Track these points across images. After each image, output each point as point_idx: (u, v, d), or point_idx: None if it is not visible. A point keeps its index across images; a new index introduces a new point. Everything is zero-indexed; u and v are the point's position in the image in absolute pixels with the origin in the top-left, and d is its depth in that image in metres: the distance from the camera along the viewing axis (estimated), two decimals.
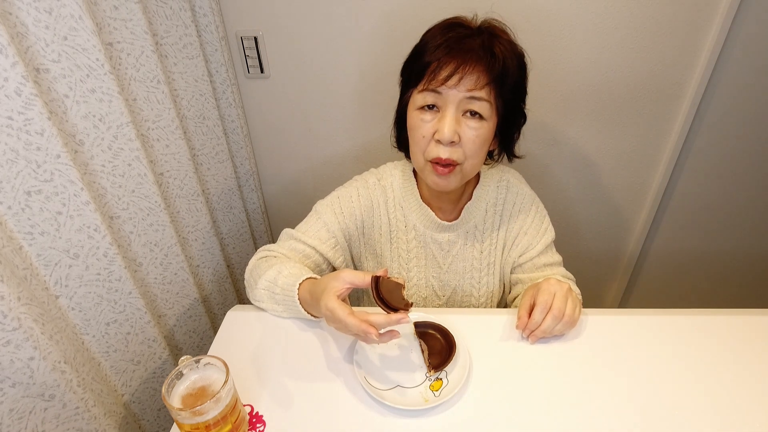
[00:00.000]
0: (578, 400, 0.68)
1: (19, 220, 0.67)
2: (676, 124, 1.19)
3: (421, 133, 0.75)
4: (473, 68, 0.69)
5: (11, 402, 0.64)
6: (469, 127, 0.73)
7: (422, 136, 0.75)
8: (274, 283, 0.78)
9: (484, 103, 0.71)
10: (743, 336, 0.77)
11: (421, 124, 0.74)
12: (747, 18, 1.03)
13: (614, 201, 1.36)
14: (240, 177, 1.32)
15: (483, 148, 0.76)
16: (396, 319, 0.62)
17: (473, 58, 0.69)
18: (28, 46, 0.65)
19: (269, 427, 0.65)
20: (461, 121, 0.73)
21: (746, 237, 1.42)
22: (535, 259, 0.90)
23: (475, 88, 0.70)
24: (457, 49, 0.70)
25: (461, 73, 0.69)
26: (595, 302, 1.61)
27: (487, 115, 0.73)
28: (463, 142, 0.73)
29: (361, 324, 0.61)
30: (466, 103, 0.71)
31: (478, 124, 0.73)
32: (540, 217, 0.91)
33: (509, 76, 0.72)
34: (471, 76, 0.70)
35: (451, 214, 0.90)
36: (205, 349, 1.14)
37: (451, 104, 0.71)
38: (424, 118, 0.74)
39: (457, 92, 0.70)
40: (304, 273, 0.76)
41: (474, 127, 0.73)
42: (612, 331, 0.79)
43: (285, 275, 0.77)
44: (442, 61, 0.70)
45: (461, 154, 0.74)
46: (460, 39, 0.71)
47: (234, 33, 1.13)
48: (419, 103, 0.74)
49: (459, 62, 0.69)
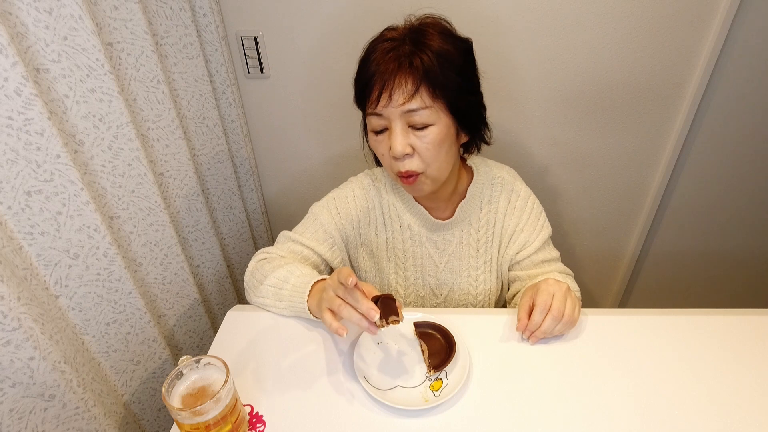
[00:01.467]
0: (578, 400, 0.68)
1: (19, 220, 0.67)
2: (676, 125, 1.19)
3: (380, 152, 0.79)
4: (398, 81, 0.69)
5: (11, 402, 0.64)
6: (417, 136, 0.73)
7: (382, 154, 0.78)
8: (284, 280, 0.79)
9: (423, 112, 0.71)
10: (743, 336, 0.77)
11: (377, 145, 0.78)
12: (747, 18, 1.03)
13: (614, 201, 1.36)
14: (240, 177, 1.32)
15: (440, 152, 0.75)
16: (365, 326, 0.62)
17: (395, 71, 0.70)
18: (28, 46, 0.65)
19: (269, 427, 0.65)
20: (410, 133, 0.73)
21: (746, 237, 1.42)
22: (532, 255, 0.90)
23: (405, 101, 0.70)
24: (381, 66, 0.71)
25: (388, 91, 0.70)
26: (595, 302, 1.61)
27: (433, 119, 0.72)
28: (418, 152, 0.74)
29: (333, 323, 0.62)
30: (407, 117, 0.72)
31: (426, 132, 0.73)
32: (536, 214, 0.91)
33: (443, 71, 0.70)
34: (398, 90, 0.70)
35: (446, 213, 0.90)
36: (205, 349, 1.14)
37: (394, 121, 0.72)
38: (378, 139, 0.77)
39: (393, 109, 0.71)
40: (316, 275, 0.77)
41: (422, 135, 0.73)
42: (612, 331, 0.79)
43: (298, 275, 0.78)
44: (370, 83, 0.72)
45: (419, 164, 0.75)
46: (384, 54, 0.71)
47: (234, 33, 1.13)
48: (371, 127, 0.77)
49: (383, 80, 0.70)
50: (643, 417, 0.66)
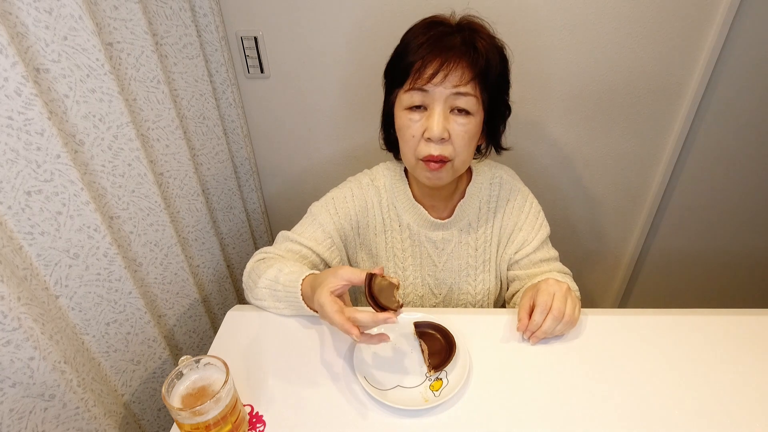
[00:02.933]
0: (578, 399, 0.68)
1: (19, 220, 0.67)
2: (676, 124, 1.19)
3: (411, 133, 0.75)
4: (457, 64, 0.70)
5: (11, 402, 0.64)
6: (457, 123, 0.73)
7: (412, 135, 0.75)
8: (275, 281, 0.78)
9: (470, 98, 0.72)
10: (743, 336, 0.77)
11: (410, 123, 0.75)
12: (747, 18, 1.03)
13: (614, 201, 1.36)
14: (240, 177, 1.32)
15: (472, 143, 0.77)
16: (382, 318, 0.62)
17: (456, 54, 0.70)
18: (28, 46, 0.65)
19: (269, 427, 0.65)
20: (449, 118, 0.73)
21: (746, 237, 1.42)
22: (531, 255, 0.90)
23: (460, 83, 0.70)
24: (439, 46, 0.71)
25: (446, 70, 0.70)
26: (595, 302, 1.61)
27: (474, 109, 0.73)
28: (452, 139, 0.74)
29: (345, 323, 0.61)
30: (452, 100, 0.72)
31: (466, 120, 0.73)
32: (535, 213, 0.91)
33: (492, 69, 0.73)
34: (455, 72, 0.70)
35: (444, 212, 0.90)
36: (205, 349, 1.14)
37: (438, 102, 0.72)
38: (413, 118, 0.74)
39: (444, 89, 0.71)
40: (305, 270, 0.77)
41: (462, 122, 0.73)
42: (612, 331, 0.79)
43: (286, 273, 0.78)
44: (426, 59, 0.71)
45: (451, 150, 0.75)
46: (442, 37, 0.71)
47: (234, 33, 1.13)
48: (406, 103, 0.75)
49: (443, 59, 0.70)
50: (643, 417, 0.66)
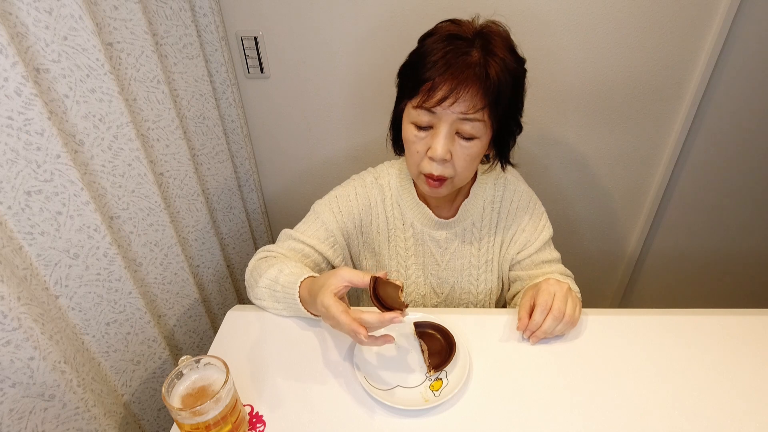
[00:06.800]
0: (578, 399, 0.68)
1: (19, 220, 0.67)
2: (676, 124, 1.19)
3: (415, 149, 0.76)
4: (467, 91, 0.68)
5: (11, 402, 0.64)
6: (461, 145, 0.73)
7: (416, 151, 0.76)
8: (275, 281, 0.78)
9: (477, 124, 0.71)
10: (743, 336, 0.77)
11: (415, 140, 0.75)
12: (747, 18, 1.03)
13: (614, 201, 1.36)
14: (240, 177, 1.32)
15: (474, 163, 0.77)
16: (389, 318, 0.62)
17: (469, 79, 0.68)
18: (28, 46, 0.65)
19: (269, 427, 0.65)
20: (454, 139, 0.73)
21: (746, 237, 1.42)
22: (533, 255, 0.90)
23: (468, 111, 0.69)
24: (453, 67, 0.68)
25: (455, 96, 0.68)
26: (595, 302, 1.61)
27: (480, 133, 0.73)
28: (454, 160, 0.74)
29: (352, 323, 0.61)
30: (459, 123, 0.71)
31: (470, 144, 0.73)
32: (538, 214, 0.91)
33: (504, 96, 0.71)
34: (465, 98, 0.69)
35: (449, 212, 0.90)
36: (205, 349, 1.14)
37: (444, 123, 0.71)
38: (418, 135, 0.75)
39: (451, 113, 0.70)
40: (305, 272, 0.77)
41: (465, 146, 0.73)
42: (612, 331, 0.79)
43: (286, 274, 0.77)
44: (437, 81, 0.69)
45: (452, 170, 0.75)
46: (457, 55, 0.69)
47: (234, 33, 1.13)
48: (413, 119, 0.74)
49: (454, 84, 0.68)
50: (643, 417, 0.66)
